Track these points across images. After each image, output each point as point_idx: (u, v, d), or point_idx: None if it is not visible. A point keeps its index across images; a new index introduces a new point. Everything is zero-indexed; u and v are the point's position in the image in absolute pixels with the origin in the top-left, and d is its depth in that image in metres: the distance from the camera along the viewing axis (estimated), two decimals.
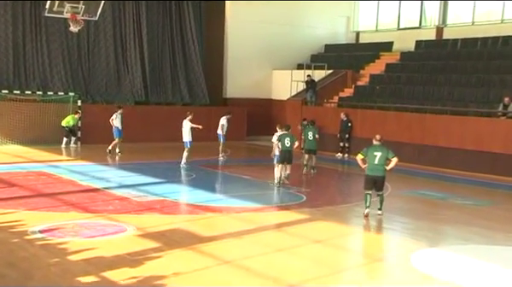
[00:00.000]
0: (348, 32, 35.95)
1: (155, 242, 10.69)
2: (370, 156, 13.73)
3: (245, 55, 32.08)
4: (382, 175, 13.72)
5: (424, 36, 30.97)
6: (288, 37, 33.16)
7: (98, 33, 28.47)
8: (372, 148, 13.86)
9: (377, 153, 13.68)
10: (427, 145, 23.04)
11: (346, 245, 11.68)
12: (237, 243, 11.09)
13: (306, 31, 34.23)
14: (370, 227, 13.30)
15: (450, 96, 24.51)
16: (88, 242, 10.58)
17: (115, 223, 12.04)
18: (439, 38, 30.75)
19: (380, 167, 13.64)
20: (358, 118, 25.61)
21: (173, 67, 30.33)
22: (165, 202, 14.40)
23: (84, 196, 14.65)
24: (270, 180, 17.85)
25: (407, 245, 11.44)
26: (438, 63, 27.29)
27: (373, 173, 13.70)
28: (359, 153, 14.03)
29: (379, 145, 13.85)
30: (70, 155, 23.17)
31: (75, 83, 27.70)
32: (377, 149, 13.78)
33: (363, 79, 29.89)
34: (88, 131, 25.85)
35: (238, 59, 32.00)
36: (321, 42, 35.08)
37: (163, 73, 29.99)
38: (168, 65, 30.14)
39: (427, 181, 19.99)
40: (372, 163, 13.69)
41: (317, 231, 12.28)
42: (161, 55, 30.03)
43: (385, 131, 19.47)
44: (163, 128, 27.80)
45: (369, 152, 13.79)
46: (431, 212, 14.85)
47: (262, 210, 14.21)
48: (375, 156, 13.66)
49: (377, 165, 13.64)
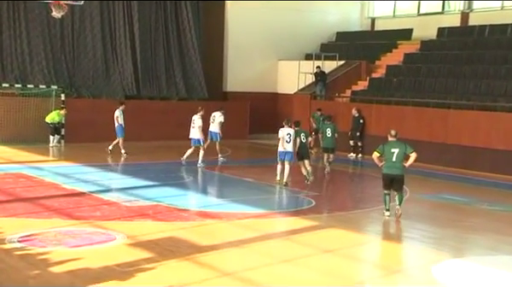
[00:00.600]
0: (362, 18, 35.91)
1: (148, 251, 10.69)
2: (387, 153, 13.97)
3: (247, 44, 32.07)
4: (401, 174, 13.98)
5: (447, 22, 30.93)
6: (295, 23, 33.15)
7: (84, 19, 28.48)
8: (388, 144, 14.09)
9: (394, 149, 13.92)
10: (450, 144, 23.01)
11: (359, 255, 11.67)
12: (239, 252, 11.07)
13: (316, 17, 34.21)
14: (387, 235, 13.28)
15: (476, 90, 24.48)
16: (72, 252, 10.56)
17: (103, 231, 12.02)
18: (464, 24, 30.71)
19: (398, 165, 13.91)
20: (373, 114, 25.59)
21: (168, 57, 30.35)
22: (158, 208, 14.37)
23: (68, 201, 14.62)
24: (275, 183, 17.85)
25: (428, 256, 11.41)
26: (463, 53, 27.25)
27: (390, 172, 13.96)
28: (375, 150, 14.26)
29: (395, 141, 14.10)
30: (52, 156, 23.18)
31: (58, 75, 27.73)
32: (394, 145, 14.03)
33: (379, 71, 29.87)
34: (72, 128, 25.82)
35: (240, 48, 31.99)
36: (332, 29, 35.05)
37: (156, 64, 30.01)
38: (162, 55, 30.16)
39: (450, 184, 19.95)
40: (389, 161, 13.94)
41: (327, 239, 12.27)
42: (154, 44, 30.05)
43: (403, 129, 19.50)
44: (156, 125, 27.83)
45: (385, 149, 14.03)
46: (454, 218, 14.81)
47: (266, 216, 14.19)
48: (393, 153, 13.89)
49: (395, 162, 13.91)
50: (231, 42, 32.07)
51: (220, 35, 32.05)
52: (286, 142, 17.76)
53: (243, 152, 27.13)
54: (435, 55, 28.21)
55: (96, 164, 20.79)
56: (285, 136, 17.78)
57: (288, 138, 17.74)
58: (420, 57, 28.77)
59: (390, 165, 13.98)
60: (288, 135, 17.76)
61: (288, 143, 17.74)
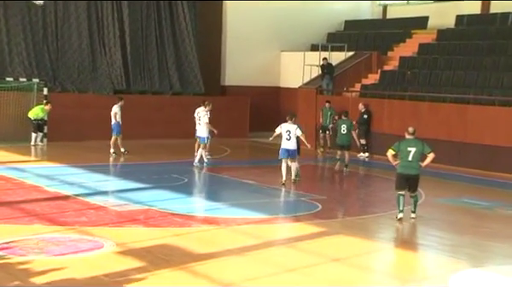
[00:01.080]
0: (373, 5, 35.91)
1: (139, 260, 10.68)
2: (403, 152, 14.15)
3: (247, 33, 32.06)
4: (416, 173, 14.19)
5: (467, 9, 30.89)
6: (299, 11, 33.13)
7: (68, 6, 28.48)
8: (405, 142, 14.26)
9: (411, 148, 14.11)
10: (469, 143, 22.99)
11: (369, 264, 11.65)
12: (238, 261, 11.07)
13: (322, 4, 34.20)
14: (400, 242, 13.27)
15: (498, 84, 24.46)
16: (56, 260, 10.55)
17: (89, 238, 12.01)
18: (484, 11, 30.67)
19: (414, 165, 14.13)
20: (385, 110, 25.59)
21: (160, 47, 30.34)
22: (150, 212, 14.37)
23: (51, 205, 14.62)
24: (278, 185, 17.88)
25: (445, 265, 11.41)
26: (483, 43, 27.24)
27: (406, 171, 14.17)
28: (390, 148, 14.43)
29: (413, 139, 14.29)
30: (34, 155, 23.18)
31: (40, 67, 27.72)
32: (411, 143, 14.21)
33: (392, 63, 29.85)
34: (56, 125, 25.79)
35: (239, 38, 31.97)
36: (340, 17, 35.04)
37: (148, 56, 30.01)
38: (154, 45, 30.14)
39: (469, 187, 19.96)
40: (405, 159, 14.14)
41: (334, 247, 12.27)
42: (146, 34, 30.02)
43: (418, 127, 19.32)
44: (148, 122, 27.83)
45: (401, 147, 14.21)
46: (474, 224, 14.81)
47: (268, 222, 14.19)
48: (409, 152, 14.08)
49: (411, 162, 14.12)
50: (230, 31, 32.05)
51: (218, 24, 32.04)
52: (286, 139, 18.08)
53: (243, 152, 27.12)
54: (453, 45, 28.18)
55: (81, 165, 20.78)
56: (284, 133, 18.10)
57: (287, 136, 18.04)
58: (436, 48, 28.75)
59: (405, 164, 14.18)
60: (287, 132, 18.06)
61: (288, 140, 18.05)
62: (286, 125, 18.24)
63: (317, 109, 27.25)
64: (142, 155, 23.58)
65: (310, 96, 28.62)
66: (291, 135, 18.03)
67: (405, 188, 14.24)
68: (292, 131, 18.05)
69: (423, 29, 31.90)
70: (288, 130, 18.08)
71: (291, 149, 18.15)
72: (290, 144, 18.12)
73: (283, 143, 18.20)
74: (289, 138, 18.05)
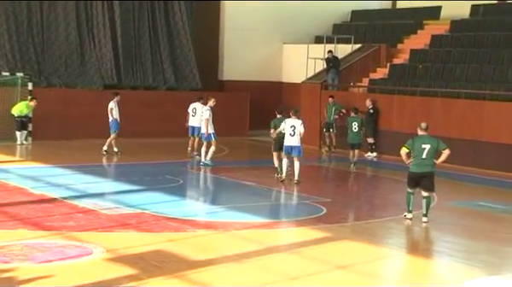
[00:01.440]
0: None
1: (130, 267, 10.69)
2: (417, 149, 14.35)
3: (247, 25, 32.06)
4: (431, 171, 14.43)
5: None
6: (303, 1, 33.13)
7: None
8: (419, 139, 14.48)
9: (425, 145, 14.34)
10: (485, 142, 22.99)
11: (378, 272, 11.67)
12: (237, 268, 11.07)
13: None
14: (410, 248, 13.29)
15: None
16: (42, 268, 10.56)
17: (78, 243, 12.02)
18: (502, 0, 30.66)
19: (428, 162, 14.36)
20: (395, 107, 25.59)
21: (154, 40, 30.34)
22: (142, 216, 14.38)
23: (36, 209, 14.62)
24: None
25: (459, 272, 11.41)
26: (500, 34, 27.22)
27: (420, 170, 14.39)
28: (403, 146, 14.58)
29: (426, 136, 14.56)
30: (18, 155, 23.17)
31: (24, 60, 27.72)
32: (425, 140, 14.45)
33: (402, 56, 29.85)
34: (41, 123, 25.80)
35: (238, 30, 31.97)
36: (346, 7, 35.06)
37: (140, 48, 30.01)
38: (147, 37, 30.15)
39: (485, 189, 19.97)
40: (419, 157, 14.34)
41: (340, 253, 12.29)
42: (138, 25, 30.03)
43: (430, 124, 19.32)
44: (140, 120, 27.82)
45: (415, 144, 14.41)
46: (490, 229, 14.82)
47: (270, 226, 14.21)
48: (423, 149, 14.31)
49: (425, 159, 14.33)
50: (228, 22, 32.04)
51: (216, 14, 32.04)
52: (289, 135, 18.45)
53: (242, 151, 27.14)
54: (468, 37, 28.18)
55: (69, 165, 20.78)
56: (288, 129, 18.46)
57: (291, 131, 18.42)
58: (450, 40, 28.75)
59: (419, 162, 14.38)
60: (291, 127, 18.43)
61: (292, 136, 18.43)
62: (290, 120, 18.57)
63: (321, 106, 27.25)
64: (135, 155, 23.58)
65: (314, 92, 28.61)
66: (295, 131, 18.38)
67: (417, 187, 14.49)
68: (297, 127, 18.41)
69: (436, 20, 31.92)
70: (293, 125, 18.44)
71: (295, 145, 18.51)
72: (294, 141, 18.47)
73: (287, 140, 18.51)
74: (293, 134, 18.41)
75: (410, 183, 14.59)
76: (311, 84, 29.25)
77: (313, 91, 28.70)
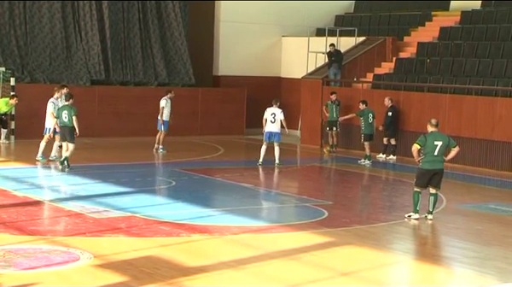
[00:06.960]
0: None
1: (120, 274, 10.71)
2: (430, 146, 14.85)
3: (244, 17, 32.06)
4: (442, 168, 15.03)
5: None
6: None
7: None
8: (431, 135, 14.98)
9: (438, 142, 14.88)
10: (497, 141, 23.01)
11: (383, 279, 11.69)
12: (234, 275, 11.08)
13: None
14: (418, 254, 13.30)
15: None
16: (26, 275, 10.57)
17: (64, 249, 12.02)
18: None
19: (440, 159, 14.91)
20: (401, 103, 25.57)
21: (145, 32, 30.34)
22: (133, 220, 14.40)
23: (19, 212, 14.63)
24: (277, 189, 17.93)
25: (471, 279, 11.45)
26: None
27: (432, 167, 14.90)
28: (415, 142, 15.03)
29: (438, 132, 15.09)
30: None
31: (6, 54, 27.71)
32: (437, 136, 14.98)
33: (409, 50, 29.88)
34: (24, 121, 25.81)
35: (234, 23, 31.97)
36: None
37: (130, 42, 30.01)
38: (137, 30, 30.15)
39: (497, 191, 20.00)
40: (431, 155, 14.86)
41: (343, 259, 12.31)
42: (128, 16, 30.02)
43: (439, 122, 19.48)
44: (130, 117, 27.85)
45: (428, 141, 14.90)
46: (503, 234, 14.83)
47: (268, 230, 14.23)
48: (436, 146, 14.83)
49: (437, 156, 14.87)
50: (224, 16, 32.04)
51: (210, 5, 32.03)
52: (270, 122, 21.49)
53: (239, 151, 27.12)
54: (479, 29, 28.19)
55: (54, 165, 20.80)
56: (269, 116, 21.50)
57: (272, 118, 21.46)
58: (460, 32, 28.75)
59: (431, 159, 14.86)
60: (272, 115, 21.47)
61: (272, 123, 21.46)
62: (271, 108, 21.67)
63: (322, 102, 27.25)
64: (123, 155, 23.59)
65: (315, 88, 28.63)
66: (276, 118, 21.41)
67: (427, 185, 14.93)
68: (277, 114, 21.47)
69: (445, 11, 31.93)
70: (273, 113, 21.51)
71: (274, 131, 21.56)
72: (274, 127, 21.52)
73: (268, 126, 21.60)
74: (273, 121, 21.47)
75: (421, 181, 14.97)
76: (312, 80, 29.26)
77: (314, 87, 28.71)
